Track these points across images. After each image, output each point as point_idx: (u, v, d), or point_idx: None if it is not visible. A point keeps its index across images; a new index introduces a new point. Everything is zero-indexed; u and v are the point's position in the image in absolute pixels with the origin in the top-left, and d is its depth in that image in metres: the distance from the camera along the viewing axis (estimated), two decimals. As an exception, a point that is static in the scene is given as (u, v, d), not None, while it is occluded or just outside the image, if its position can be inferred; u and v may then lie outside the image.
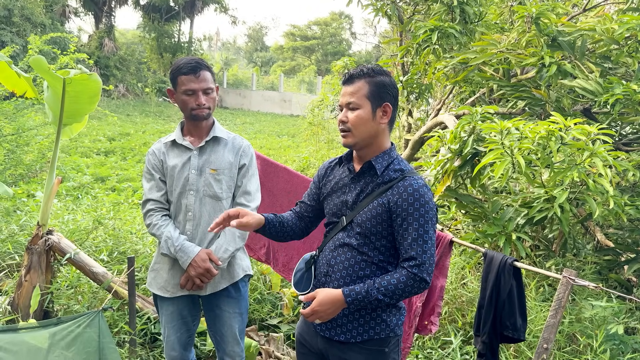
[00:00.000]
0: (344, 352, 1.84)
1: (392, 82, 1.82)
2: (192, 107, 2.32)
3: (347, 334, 1.82)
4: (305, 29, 45.09)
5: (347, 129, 1.80)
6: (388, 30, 13.45)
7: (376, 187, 1.81)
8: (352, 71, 1.81)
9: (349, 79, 1.80)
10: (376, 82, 1.78)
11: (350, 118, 1.79)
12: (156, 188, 2.40)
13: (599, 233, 3.99)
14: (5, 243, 4.38)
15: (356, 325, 1.82)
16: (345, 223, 1.85)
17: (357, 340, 1.82)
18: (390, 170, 1.82)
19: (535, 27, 3.93)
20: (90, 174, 8.51)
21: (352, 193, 1.85)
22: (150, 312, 3.44)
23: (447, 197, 3.80)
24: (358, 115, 1.78)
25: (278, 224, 1.98)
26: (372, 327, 1.82)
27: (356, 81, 1.79)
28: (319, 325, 1.88)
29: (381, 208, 1.76)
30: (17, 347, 2.48)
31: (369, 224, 1.78)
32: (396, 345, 1.88)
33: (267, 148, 12.92)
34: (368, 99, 1.78)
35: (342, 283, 1.81)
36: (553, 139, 2.94)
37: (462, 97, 5.84)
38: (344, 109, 1.81)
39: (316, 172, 2.09)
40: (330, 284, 1.84)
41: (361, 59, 33.42)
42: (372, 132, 1.80)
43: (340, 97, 1.84)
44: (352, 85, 1.79)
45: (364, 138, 1.80)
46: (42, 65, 3.13)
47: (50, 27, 20.90)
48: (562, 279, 2.17)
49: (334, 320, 1.84)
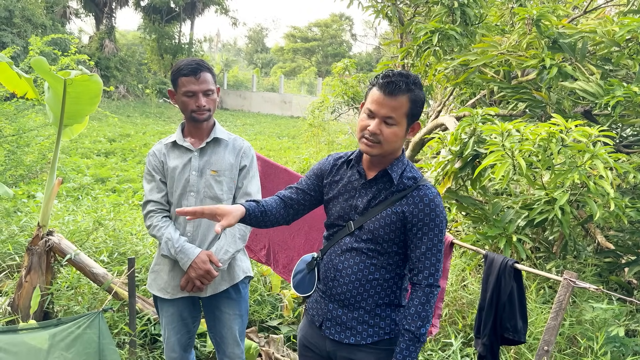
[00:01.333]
0: (354, 354, 1.85)
1: (423, 98, 1.78)
2: (192, 109, 2.31)
3: (357, 337, 1.83)
4: (306, 31, 45.13)
5: (377, 140, 1.73)
6: (388, 32, 13.46)
7: (390, 195, 1.79)
8: (396, 81, 1.69)
9: (393, 91, 1.69)
10: (415, 99, 1.72)
11: (385, 133, 1.72)
12: (157, 189, 2.40)
13: (599, 235, 3.99)
14: (6, 244, 4.38)
15: (366, 327, 1.82)
16: (353, 228, 1.83)
17: (367, 342, 1.82)
18: (404, 178, 1.80)
19: (536, 29, 3.93)
20: (90, 175, 8.51)
21: (363, 199, 1.83)
22: (151, 313, 3.44)
23: (447, 199, 3.80)
24: (395, 132, 1.73)
25: (260, 213, 1.86)
26: (382, 328, 1.83)
27: (399, 96, 1.69)
28: (328, 329, 1.88)
29: (396, 217, 1.76)
30: (17, 348, 2.48)
31: (382, 231, 1.78)
32: None
33: (267, 149, 12.92)
34: (406, 117, 1.73)
35: (350, 287, 1.82)
36: (554, 141, 2.94)
37: (462, 99, 5.84)
38: (377, 120, 1.72)
39: (318, 163, 2.01)
40: (338, 288, 1.84)
41: (361, 60, 33.44)
42: (397, 147, 1.79)
43: (374, 104, 1.72)
44: (394, 99, 1.69)
45: (389, 152, 1.78)
46: (43, 66, 3.13)
47: (51, 28, 20.92)
48: (563, 281, 2.17)
49: (343, 324, 1.84)
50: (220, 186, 2.39)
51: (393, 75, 1.70)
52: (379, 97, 1.71)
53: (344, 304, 1.84)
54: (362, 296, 1.82)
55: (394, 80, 1.69)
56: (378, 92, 1.72)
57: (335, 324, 1.87)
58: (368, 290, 1.82)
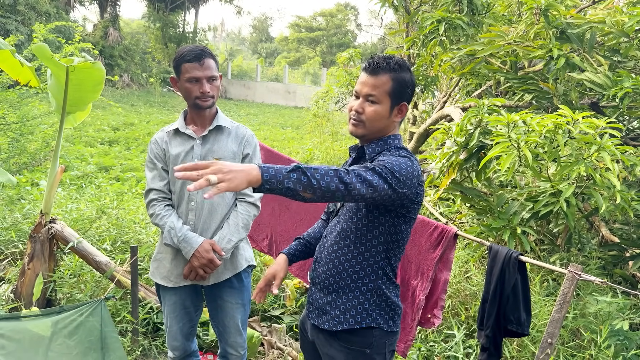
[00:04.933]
0: (327, 346, 1.83)
1: (412, 81, 1.78)
2: (196, 95, 2.29)
3: (329, 322, 1.81)
4: (311, 20, 44.88)
5: (360, 119, 1.75)
6: (394, 22, 13.36)
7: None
8: (378, 61, 1.73)
9: (374, 70, 1.72)
10: (400, 79, 1.73)
11: (367, 111, 1.74)
12: (159, 177, 2.38)
13: (603, 228, 3.96)
14: (9, 231, 4.39)
15: (338, 313, 1.80)
16: (337, 207, 1.87)
17: (338, 329, 1.78)
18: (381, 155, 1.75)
19: (544, 19, 3.88)
20: (94, 164, 8.51)
21: None
22: (153, 301, 3.44)
23: (452, 190, 3.78)
24: (376, 110, 1.73)
25: (303, 247, 2.01)
26: (352, 316, 1.78)
27: (381, 74, 1.71)
28: (310, 313, 1.91)
29: None
30: (20, 335, 2.48)
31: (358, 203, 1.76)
32: (382, 347, 1.81)
33: (271, 139, 12.89)
34: (389, 95, 1.73)
35: (325, 269, 1.83)
36: (560, 133, 2.91)
37: (468, 90, 5.80)
38: (361, 99, 1.75)
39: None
40: (318, 269, 1.87)
41: (367, 50, 33.29)
42: (382, 127, 1.78)
43: (358, 85, 1.77)
44: (376, 77, 1.72)
45: (373, 132, 1.77)
46: (45, 52, 3.11)
47: (55, 16, 20.87)
48: (568, 273, 2.15)
49: (319, 308, 1.85)
50: (223, 175, 2.37)
51: (376, 57, 1.76)
52: (362, 77, 1.77)
53: (321, 286, 1.86)
54: (336, 279, 1.80)
55: (376, 61, 1.74)
56: (362, 73, 1.77)
57: (314, 308, 1.88)
58: (341, 274, 1.79)
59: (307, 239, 2.04)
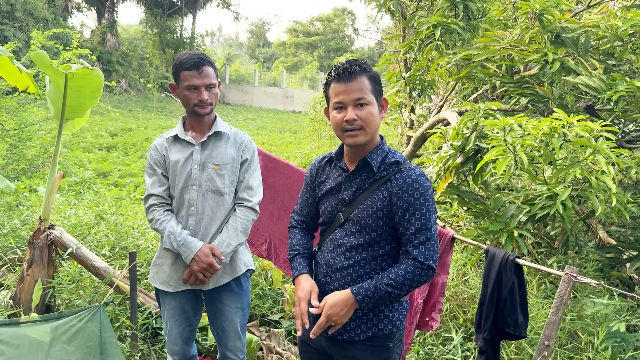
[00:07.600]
0: (349, 350, 1.84)
1: (378, 75, 1.82)
2: (195, 103, 2.31)
3: (350, 333, 1.81)
4: (308, 25, 45.02)
5: (358, 126, 1.73)
6: (391, 27, 13.42)
7: (373, 183, 1.79)
8: (350, 67, 1.73)
9: (351, 75, 1.72)
10: (373, 76, 1.76)
11: (362, 115, 1.72)
12: (158, 183, 2.40)
13: (600, 230, 3.98)
14: (8, 237, 4.39)
15: (359, 324, 1.81)
16: (342, 220, 1.83)
17: (361, 338, 1.81)
18: (385, 164, 1.80)
19: (539, 24, 3.91)
20: (92, 169, 8.52)
21: (349, 191, 1.83)
22: (152, 307, 3.45)
23: (449, 194, 3.79)
24: (370, 112, 1.74)
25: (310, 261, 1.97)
26: (375, 324, 1.81)
27: (358, 77, 1.72)
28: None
29: (381, 203, 1.75)
30: (19, 341, 2.49)
31: (370, 219, 1.77)
32: (399, 339, 1.88)
33: (269, 144, 12.91)
34: (373, 94, 1.75)
35: (342, 283, 1.80)
36: (556, 136, 2.93)
37: (464, 94, 5.83)
38: (350, 107, 1.73)
39: (306, 172, 2.06)
40: (331, 284, 1.84)
41: (364, 55, 33.37)
42: (377, 127, 1.79)
43: (339, 96, 1.74)
44: (354, 81, 1.72)
45: (373, 135, 1.78)
46: (43, 60, 3.13)
47: (53, 22, 20.90)
48: (564, 275, 2.17)
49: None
50: (222, 180, 2.39)
51: (342, 65, 1.76)
52: (340, 87, 1.74)
53: None
54: None
55: (347, 67, 1.74)
56: (337, 84, 1.75)
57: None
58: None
59: (307, 251, 2.00)
